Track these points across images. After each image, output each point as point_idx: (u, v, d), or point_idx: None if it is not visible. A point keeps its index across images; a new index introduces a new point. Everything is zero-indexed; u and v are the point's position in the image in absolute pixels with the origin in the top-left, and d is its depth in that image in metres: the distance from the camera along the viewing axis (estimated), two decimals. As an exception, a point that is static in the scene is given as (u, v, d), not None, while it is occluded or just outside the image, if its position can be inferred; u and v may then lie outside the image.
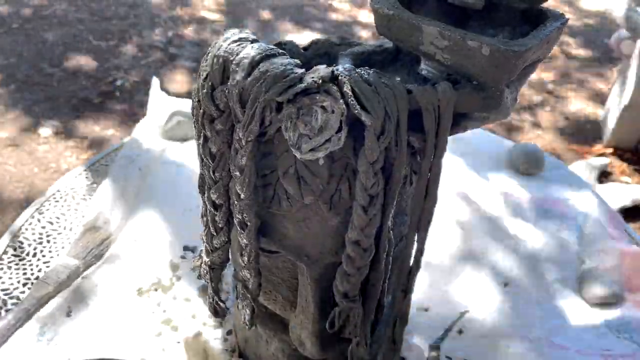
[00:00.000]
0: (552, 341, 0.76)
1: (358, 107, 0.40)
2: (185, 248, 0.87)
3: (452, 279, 0.85)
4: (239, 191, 0.46)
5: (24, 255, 0.85)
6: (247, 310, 0.55)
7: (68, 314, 0.76)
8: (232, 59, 0.43)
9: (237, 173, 0.45)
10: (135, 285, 0.80)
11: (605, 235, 0.93)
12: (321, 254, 0.49)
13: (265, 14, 2.73)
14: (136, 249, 0.85)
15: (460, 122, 0.46)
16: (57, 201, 0.95)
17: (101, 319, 0.75)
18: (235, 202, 0.47)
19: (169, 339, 0.74)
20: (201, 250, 0.59)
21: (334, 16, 2.82)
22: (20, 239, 0.87)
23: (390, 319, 0.57)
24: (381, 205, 0.45)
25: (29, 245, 0.87)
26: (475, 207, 0.99)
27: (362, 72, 0.41)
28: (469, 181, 1.05)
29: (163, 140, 1.09)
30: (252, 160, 0.44)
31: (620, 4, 1.78)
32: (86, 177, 1.00)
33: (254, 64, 0.41)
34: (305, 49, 0.52)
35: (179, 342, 0.73)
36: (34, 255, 0.85)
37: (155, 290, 0.80)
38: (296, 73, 0.41)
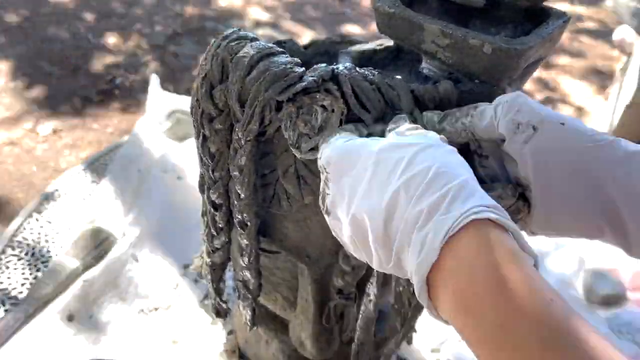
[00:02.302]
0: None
1: (358, 105, 0.40)
2: (186, 266, 0.86)
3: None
4: (238, 191, 0.46)
5: (22, 255, 0.85)
6: (249, 311, 0.55)
7: (70, 319, 0.76)
8: (231, 57, 0.42)
9: (237, 173, 0.45)
10: (137, 307, 0.80)
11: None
12: (321, 254, 0.48)
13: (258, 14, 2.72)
14: (137, 269, 0.85)
15: (461, 121, 0.46)
16: (55, 201, 0.94)
17: (102, 333, 0.75)
18: (235, 202, 0.47)
19: (170, 352, 0.73)
20: (202, 251, 0.58)
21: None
22: (19, 238, 0.87)
23: (390, 321, 0.57)
24: None
25: (28, 245, 0.86)
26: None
27: (366, 72, 0.41)
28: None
29: (163, 140, 1.08)
30: (252, 160, 0.44)
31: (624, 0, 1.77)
32: (85, 176, 1.00)
33: (253, 62, 0.41)
34: (306, 47, 0.52)
35: (179, 354, 0.73)
36: (33, 255, 0.85)
37: (156, 310, 0.79)
38: (296, 72, 0.40)
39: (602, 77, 2.48)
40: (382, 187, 0.29)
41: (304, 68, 0.41)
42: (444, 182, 0.28)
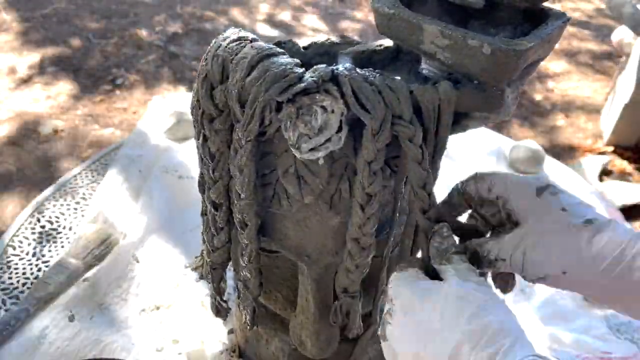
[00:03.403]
0: (551, 347, 0.76)
1: (358, 106, 0.40)
2: (186, 266, 0.86)
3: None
4: (238, 191, 0.46)
5: (23, 254, 0.85)
6: (249, 310, 0.55)
7: (71, 319, 0.76)
8: (231, 58, 0.42)
9: (237, 173, 0.45)
10: (138, 306, 0.80)
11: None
12: (321, 254, 0.49)
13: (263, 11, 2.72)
14: (139, 269, 0.85)
15: (460, 121, 0.46)
16: (57, 200, 0.94)
17: (104, 333, 0.75)
18: (235, 202, 0.47)
19: (170, 352, 0.74)
20: (202, 250, 0.59)
21: None
22: (20, 238, 0.87)
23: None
24: (378, 204, 0.45)
25: (29, 244, 0.87)
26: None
27: (366, 73, 0.41)
28: (470, 180, 1.04)
29: (163, 140, 1.08)
30: (252, 160, 0.44)
31: (622, 1, 1.78)
32: (86, 176, 1.00)
33: (253, 63, 0.41)
34: (305, 48, 0.52)
35: (180, 354, 0.73)
36: (34, 255, 0.85)
37: (157, 309, 0.80)
38: (296, 72, 0.40)
39: (600, 78, 2.48)
40: (448, 334, 0.34)
41: (303, 69, 0.41)
42: (501, 337, 0.34)
